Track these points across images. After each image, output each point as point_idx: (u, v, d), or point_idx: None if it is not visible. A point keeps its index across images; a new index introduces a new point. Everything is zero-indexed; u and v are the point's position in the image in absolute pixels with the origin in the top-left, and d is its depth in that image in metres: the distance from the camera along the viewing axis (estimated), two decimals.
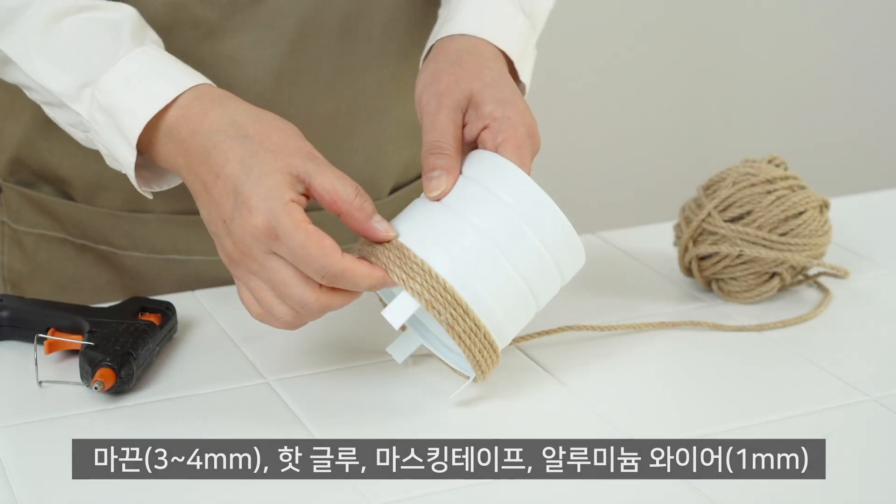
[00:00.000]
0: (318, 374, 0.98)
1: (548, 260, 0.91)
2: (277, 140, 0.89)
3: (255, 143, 0.88)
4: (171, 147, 0.92)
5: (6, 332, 1.01)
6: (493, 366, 0.92)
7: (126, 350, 0.94)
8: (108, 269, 1.18)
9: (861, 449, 0.91)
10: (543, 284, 0.92)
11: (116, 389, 0.93)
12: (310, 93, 1.11)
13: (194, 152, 0.90)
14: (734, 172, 1.12)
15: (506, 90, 0.95)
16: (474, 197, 0.90)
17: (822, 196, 1.12)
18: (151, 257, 1.16)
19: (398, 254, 0.88)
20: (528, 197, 0.90)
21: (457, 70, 0.96)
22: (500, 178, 0.90)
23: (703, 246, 1.11)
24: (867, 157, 2.76)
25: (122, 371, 0.93)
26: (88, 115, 0.94)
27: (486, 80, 0.96)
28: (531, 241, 0.90)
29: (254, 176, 0.87)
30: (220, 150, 0.89)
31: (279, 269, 0.87)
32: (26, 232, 1.18)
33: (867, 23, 2.70)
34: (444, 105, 0.94)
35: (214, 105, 0.91)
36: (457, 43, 1.01)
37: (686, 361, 1.04)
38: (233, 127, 0.89)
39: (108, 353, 0.93)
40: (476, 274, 0.89)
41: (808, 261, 1.09)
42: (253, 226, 0.86)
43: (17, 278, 1.20)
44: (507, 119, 0.93)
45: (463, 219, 0.89)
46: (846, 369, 1.00)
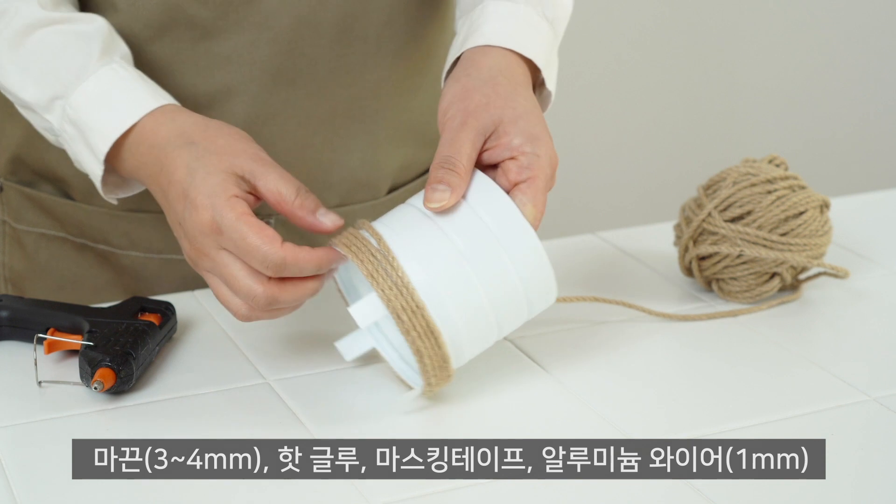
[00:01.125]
0: (318, 374, 0.98)
1: (520, 292, 0.91)
2: (223, 143, 0.94)
3: (200, 148, 0.93)
4: (132, 161, 0.97)
5: (6, 333, 1.01)
6: (444, 383, 0.92)
7: (126, 350, 0.94)
8: (107, 268, 1.18)
9: (861, 449, 0.91)
10: (510, 314, 0.92)
11: (116, 389, 0.93)
12: (306, 93, 1.11)
13: (151, 165, 0.96)
14: (734, 172, 1.12)
15: (538, 126, 0.94)
16: (463, 218, 0.90)
17: (823, 196, 1.12)
18: (150, 257, 1.16)
19: (382, 256, 0.89)
20: (512, 227, 0.90)
21: (489, 93, 0.95)
22: (491, 204, 0.90)
23: (704, 246, 1.11)
24: (867, 157, 2.76)
25: (122, 371, 0.93)
26: (59, 126, 1.00)
27: (519, 111, 0.94)
28: (508, 271, 0.90)
29: (199, 177, 0.92)
30: (170, 158, 0.94)
31: (228, 263, 0.91)
32: (26, 231, 1.18)
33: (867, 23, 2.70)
34: (468, 124, 0.93)
35: (166, 119, 0.97)
36: (490, 59, 0.99)
37: (686, 362, 1.04)
38: (181, 137, 0.95)
39: (107, 353, 0.93)
40: (448, 292, 0.89)
41: (808, 261, 1.09)
42: (200, 222, 0.90)
43: (18, 277, 1.20)
44: (535, 157, 0.92)
45: (446, 237, 0.89)
46: (846, 369, 1.01)
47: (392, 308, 0.88)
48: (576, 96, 2.47)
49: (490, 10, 1.03)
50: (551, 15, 1.06)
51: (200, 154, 0.93)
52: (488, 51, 1.00)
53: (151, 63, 1.08)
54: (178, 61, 1.08)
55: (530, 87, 1.00)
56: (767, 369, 1.02)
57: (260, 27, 1.08)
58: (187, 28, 1.07)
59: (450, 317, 0.89)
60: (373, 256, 0.89)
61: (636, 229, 1.30)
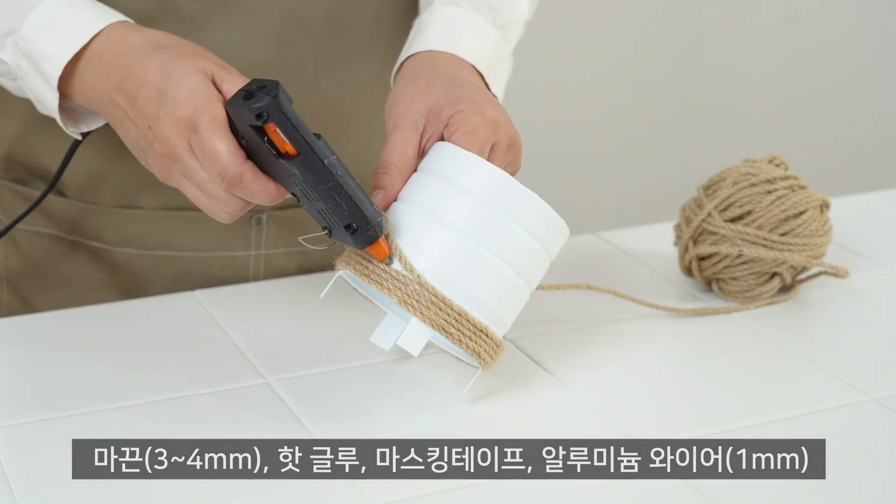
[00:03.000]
0: (318, 374, 0.98)
1: (523, 237, 0.91)
2: (191, 49, 0.93)
3: (172, 51, 0.93)
4: (93, 75, 0.95)
5: None
6: (497, 354, 0.92)
7: (359, 213, 0.88)
8: (100, 265, 1.18)
9: (861, 449, 0.91)
10: (535, 269, 0.93)
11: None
12: (296, 88, 1.11)
13: (117, 72, 0.94)
14: (734, 172, 1.12)
15: (459, 90, 0.96)
16: (439, 192, 0.91)
17: (823, 196, 1.12)
18: (143, 253, 1.16)
19: (410, 281, 0.89)
20: (486, 179, 0.90)
21: (412, 89, 0.97)
22: (455, 166, 0.91)
23: (704, 246, 1.11)
24: (867, 157, 2.76)
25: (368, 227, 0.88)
26: (14, 63, 0.98)
27: (439, 90, 0.96)
28: (502, 222, 0.90)
29: (176, 75, 0.90)
30: (140, 63, 0.92)
31: (198, 168, 0.90)
32: (20, 229, 1.18)
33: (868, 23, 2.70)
34: (399, 126, 0.95)
35: (134, 30, 0.96)
36: (424, 60, 1.01)
37: (686, 361, 1.04)
38: (152, 44, 0.94)
39: (365, 229, 0.88)
40: (459, 271, 0.89)
41: (808, 261, 1.09)
42: (178, 117, 0.89)
43: (14, 276, 1.20)
44: (459, 113, 0.94)
45: (432, 217, 0.90)
46: (846, 369, 1.01)
47: (438, 326, 0.89)
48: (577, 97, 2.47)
49: (436, 15, 1.05)
50: (501, 21, 1.07)
51: (174, 55, 0.92)
52: (427, 56, 1.01)
53: None
54: None
55: (456, 65, 1.01)
56: (768, 369, 1.02)
57: (249, 20, 1.08)
58: (176, 21, 1.07)
59: (471, 292, 0.90)
60: (397, 280, 0.89)
61: (636, 229, 1.30)
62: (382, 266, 0.90)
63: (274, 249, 1.18)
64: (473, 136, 0.93)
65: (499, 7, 1.06)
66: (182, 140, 0.89)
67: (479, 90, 0.97)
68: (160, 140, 0.91)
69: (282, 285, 1.15)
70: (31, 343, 1.02)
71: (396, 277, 0.89)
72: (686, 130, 2.60)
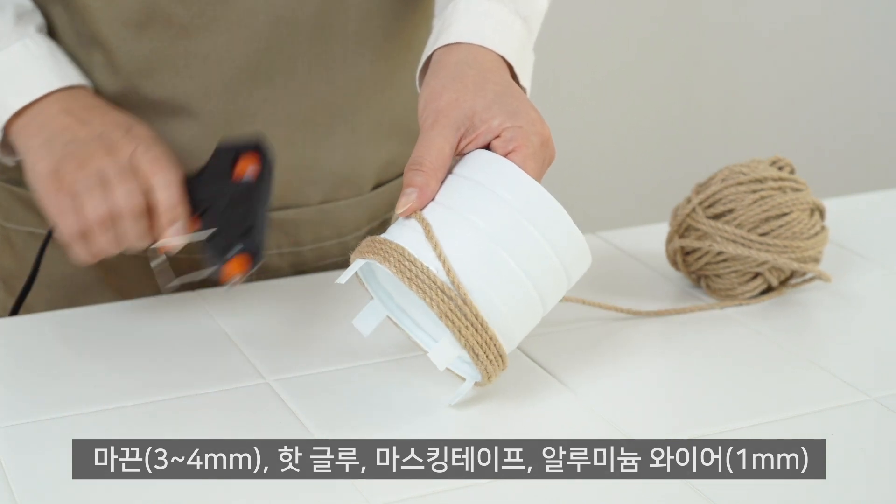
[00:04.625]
0: (318, 374, 0.98)
1: (554, 261, 0.90)
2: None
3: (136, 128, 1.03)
4: (23, 141, 1.03)
5: None
6: (500, 371, 0.92)
7: (247, 225, 0.91)
8: (94, 266, 1.17)
9: (861, 449, 0.91)
10: (550, 286, 0.91)
11: (254, 266, 0.92)
12: (286, 91, 1.11)
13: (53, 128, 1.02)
14: (727, 170, 1.12)
15: (514, 102, 0.94)
16: (483, 201, 0.89)
17: (815, 199, 1.11)
18: (138, 255, 1.16)
19: (455, 295, 0.88)
20: (535, 199, 0.89)
21: (458, 87, 0.95)
22: (504, 179, 0.90)
23: (686, 240, 1.11)
24: (867, 157, 2.76)
25: (256, 258, 0.91)
26: None
27: (490, 96, 0.94)
28: (538, 242, 0.89)
29: (139, 128, 1.03)
30: (102, 113, 1.04)
31: (124, 148, 0.99)
32: (16, 230, 1.19)
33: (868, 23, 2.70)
34: (439, 122, 0.93)
35: (92, 98, 1.06)
36: (456, 54, 0.99)
37: (686, 362, 1.04)
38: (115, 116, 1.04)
39: (232, 237, 0.91)
40: (487, 281, 0.88)
41: (789, 263, 1.08)
42: (135, 132, 1.01)
43: (8, 276, 1.20)
44: (517, 129, 0.92)
45: (464, 218, 0.89)
46: (846, 369, 1.00)
47: (469, 346, 0.88)
48: (577, 98, 2.47)
49: (461, 9, 1.03)
50: (525, 12, 1.06)
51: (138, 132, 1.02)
52: (457, 48, 1.00)
53: (129, 62, 1.08)
54: (156, 60, 1.08)
55: (502, 71, 1.00)
56: (768, 369, 1.02)
57: (237, 25, 1.08)
58: (164, 27, 1.07)
59: (511, 330, 0.90)
60: (443, 293, 0.88)
61: (636, 229, 1.30)
62: (428, 272, 0.87)
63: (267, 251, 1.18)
64: (532, 160, 0.91)
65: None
66: (128, 139, 1.00)
67: (530, 105, 0.95)
68: (104, 137, 0.99)
69: (281, 285, 1.15)
70: (32, 343, 1.02)
71: (442, 289, 0.87)
72: (686, 131, 2.60)
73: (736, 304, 1.11)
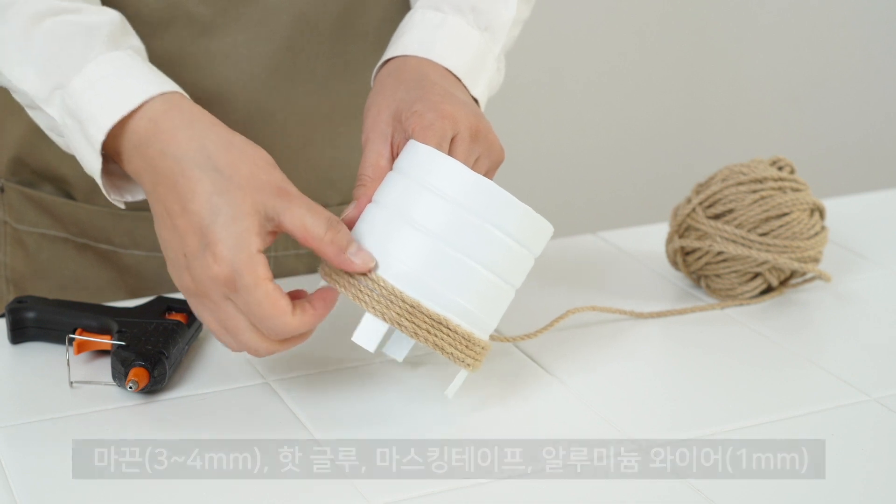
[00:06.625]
0: (318, 374, 0.98)
1: (496, 235, 0.88)
2: (247, 173, 0.87)
3: (224, 179, 0.86)
4: (138, 163, 0.89)
5: (32, 334, 1.00)
6: (483, 356, 0.91)
7: (158, 349, 0.94)
8: (109, 268, 1.18)
9: (861, 449, 0.91)
10: (513, 267, 0.90)
11: (149, 389, 0.93)
12: (306, 91, 1.12)
13: (161, 175, 0.88)
14: (727, 170, 1.12)
15: (418, 92, 0.95)
16: (406, 191, 0.89)
17: (815, 200, 1.11)
18: (152, 255, 1.16)
19: (357, 278, 0.88)
20: (459, 181, 0.88)
21: (378, 99, 0.96)
22: (416, 162, 0.90)
23: (686, 240, 1.11)
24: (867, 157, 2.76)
25: (156, 370, 0.93)
26: (60, 119, 0.92)
27: (400, 95, 0.95)
28: (470, 221, 0.88)
29: (222, 218, 0.85)
30: (187, 179, 0.86)
31: (233, 315, 0.87)
32: (28, 231, 1.19)
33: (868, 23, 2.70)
34: (369, 138, 0.95)
35: (184, 124, 0.89)
36: (386, 68, 1.00)
37: (686, 362, 1.04)
38: (202, 155, 0.87)
39: (140, 352, 0.93)
40: (433, 276, 0.88)
41: (789, 263, 1.09)
42: (215, 274, 0.85)
43: (19, 278, 1.20)
44: (414, 113, 0.93)
45: (409, 222, 0.88)
46: (846, 369, 1.01)
47: (390, 320, 0.87)
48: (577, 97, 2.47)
49: (415, 20, 1.03)
50: (485, 23, 1.05)
51: (225, 187, 0.86)
52: (403, 61, 1.00)
53: (151, 60, 1.08)
54: (178, 58, 1.08)
55: (435, 74, 0.99)
56: (768, 369, 1.02)
57: (259, 24, 1.08)
58: (187, 25, 1.07)
59: (449, 299, 0.88)
60: (352, 277, 0.88)
61: (636, 229, 1.30)
62: (357, 277, 0.88)
63: (284, 252, 1.18)
64: (428, 131, 0.91)
65: (482, 9, 1.04)
66: (218, 290, 0.86)
67: (440, 89, 0.95)
68: (194, 277, 0.87)
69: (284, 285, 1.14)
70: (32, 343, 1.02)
71: (370, 287, 0.88)
72: (687, 130, 2.60)
73: (736, 304, 1.11)
